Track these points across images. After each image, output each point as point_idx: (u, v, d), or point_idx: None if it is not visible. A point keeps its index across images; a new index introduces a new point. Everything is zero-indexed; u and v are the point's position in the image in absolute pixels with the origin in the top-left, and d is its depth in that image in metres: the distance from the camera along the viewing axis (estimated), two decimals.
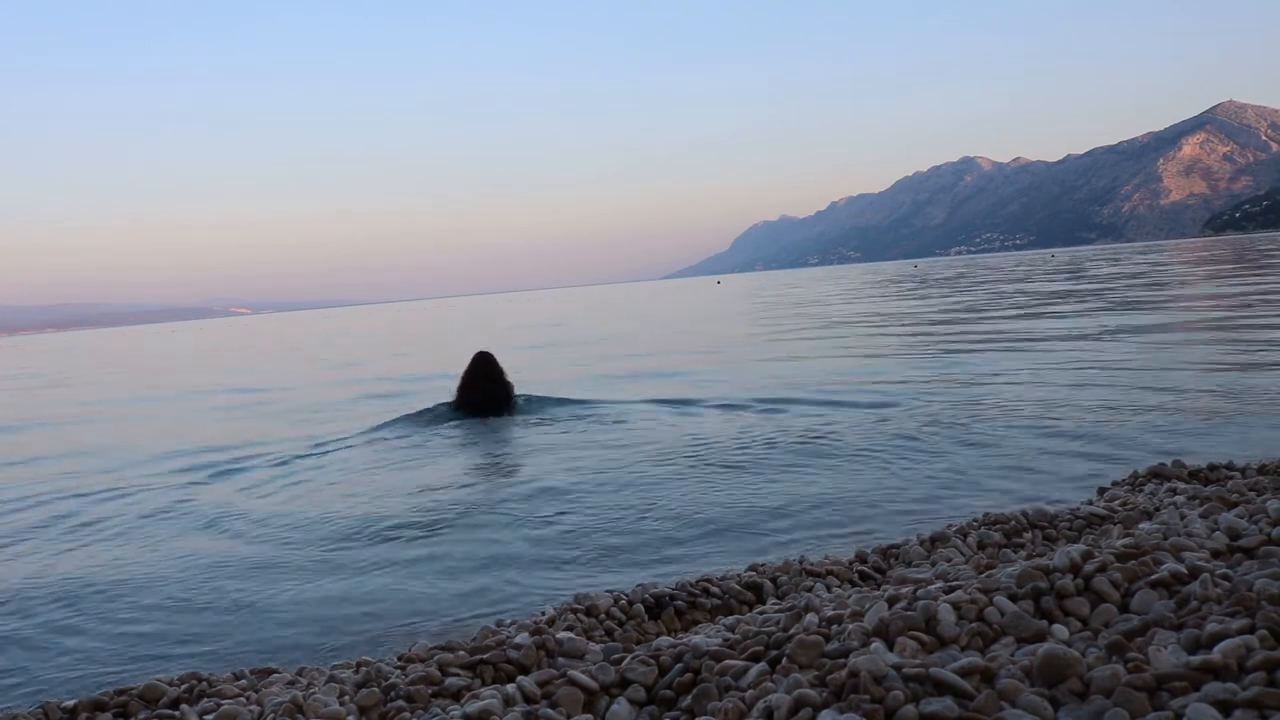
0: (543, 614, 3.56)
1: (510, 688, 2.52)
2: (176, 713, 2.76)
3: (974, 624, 2.32)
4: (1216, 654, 1.92)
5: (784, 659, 2.34)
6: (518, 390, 10.92)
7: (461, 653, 2.97)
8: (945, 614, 2.35)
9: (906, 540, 4.11)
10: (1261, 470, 4.49)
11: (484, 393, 10.45)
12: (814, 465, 6.56)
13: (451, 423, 10.23)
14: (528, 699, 2.47)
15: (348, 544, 5.50)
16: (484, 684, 2.76)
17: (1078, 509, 4.09)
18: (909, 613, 2.37)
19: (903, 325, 20.83)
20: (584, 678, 2.48)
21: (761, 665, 2.34)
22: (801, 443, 7.40)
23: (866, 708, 1.95)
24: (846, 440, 7.36)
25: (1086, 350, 12.46)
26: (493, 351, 10.98)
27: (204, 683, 3.03)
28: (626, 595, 3.62)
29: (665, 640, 2.70)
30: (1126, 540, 2.73)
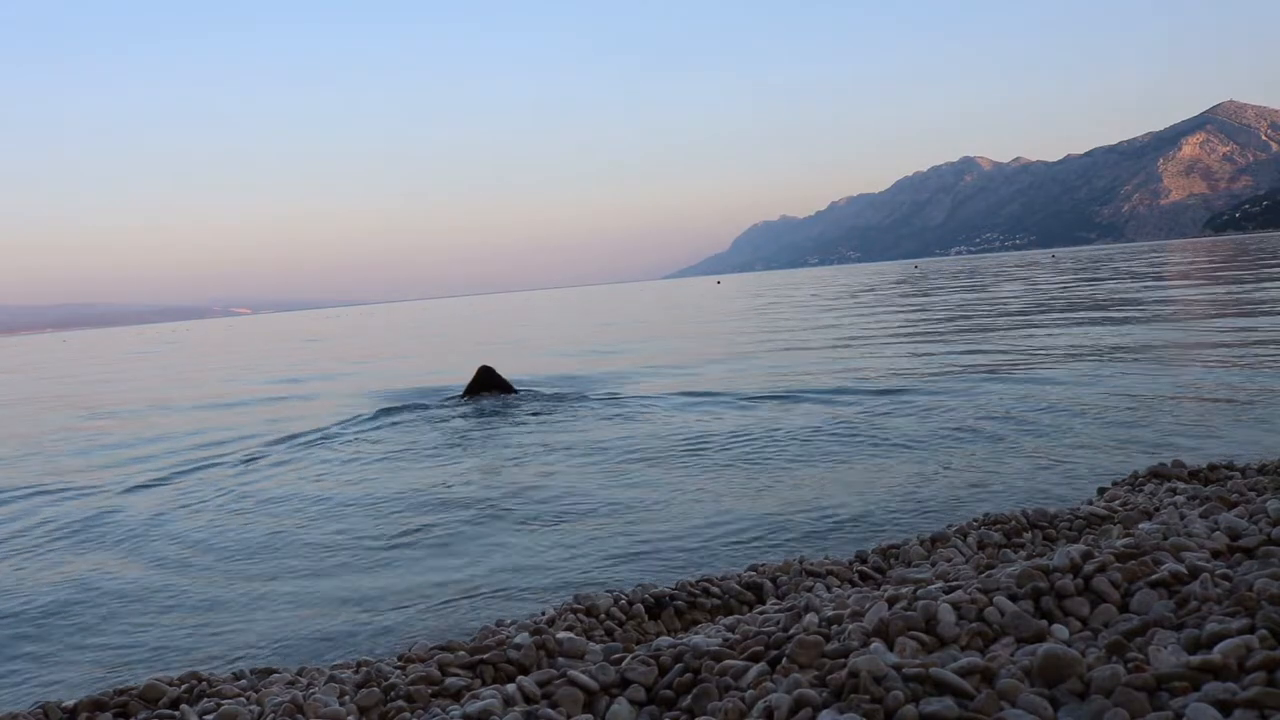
0: (543, 614, 3.56)
1: (510, 688, 2.52)
2: (176, 713, 2.76)
3: (974, 624, 2.32)
4: (1216, 654, 1.92)
5: (784, 659, 2.34)
6: (521, 382, 12.68)
7: (461, 653, 2.97)
8: (945, 614, 2.35)
9: (906, 540, 4.11)
10: (1261, 470, 4.49)
11: (485, 392, 12.35)
12: (815, 464, 6.56)
13: (461, 410, 11.22)
14: (528, 699, 2.47)
15: (348, 538, 5.50)
16: (484, 684, 2.76)
17: (1078, 509, 4.09)
18: (909, 613, 2.37)
19: (908, 326, 20.83)
20: (584, 678, 2.48)
21: (761, 665, 2.34)
22: (803, 441, 7.41)
23: (866, 708, 1.94)
24: (848, 441, 7.37)
25: (1088, 351, 12.46)
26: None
27: (204, 683, 3.02)
28: (626, 595, 3.62)
29: (665, 640, 2.70)
30: (1126, 540, 2.72)
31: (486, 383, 12.32)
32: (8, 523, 6.93)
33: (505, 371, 12.79)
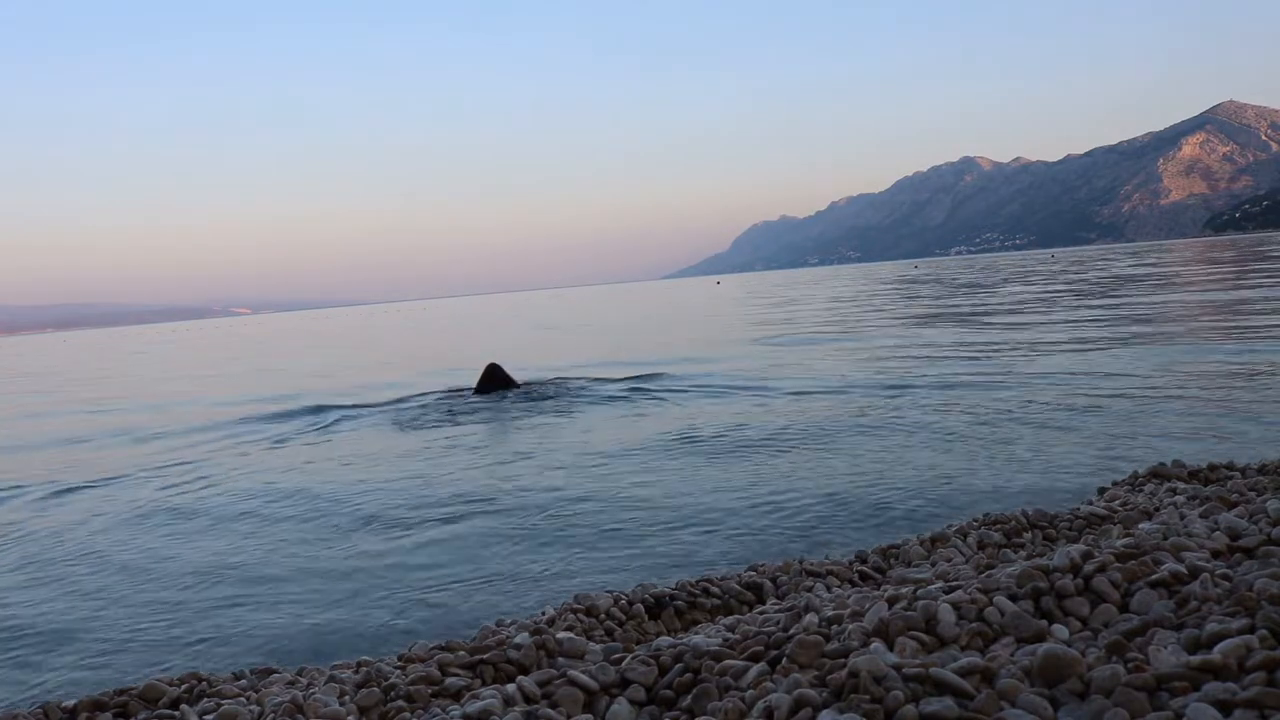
0: (543, 614, 3.56)
1: (510, 688, 2.52)
2: (176, 713, 2.76)
3: (974, 624, 2.32)
4: (1216, 654, 1.92)
5: (784, 659, 2.34)
6: (525, 377, 13.28)
7: (461, 653, 2.97)
8: (945, 614, 2.34)
9: (906, 540, 4.11)
10: (1261, 470, 4.49)
11: (493, 388, 12.76)
12: (816, 462, 6.56)
13: (468, 406, 11.53)
14: (528, 699, 2.46)
15: (346, 534, 5.51)
16: (484, 684, 2.76)
17: (1078, 509, 4.09)
18: (909, 613, 2.37)
19: (913, 324, 20.83)
20: (584, 678, 2.47)
21: (761, 665, 2.34)
22: (804, 438, 7.41)
23: (866, 708, 1.94)
24: (849, 439, 7.37)
25: (1088, 351, 12.46)
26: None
27: (204, 683, 3.02)
28: (626, 595, 3.62)
29: (665, 640, 2.70)
30: (1126, 540, 2.72)
31: (494, 379, 12.64)
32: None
33: (513, 368, 12.94)
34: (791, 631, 2.50)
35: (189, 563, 5.33)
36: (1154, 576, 2.40)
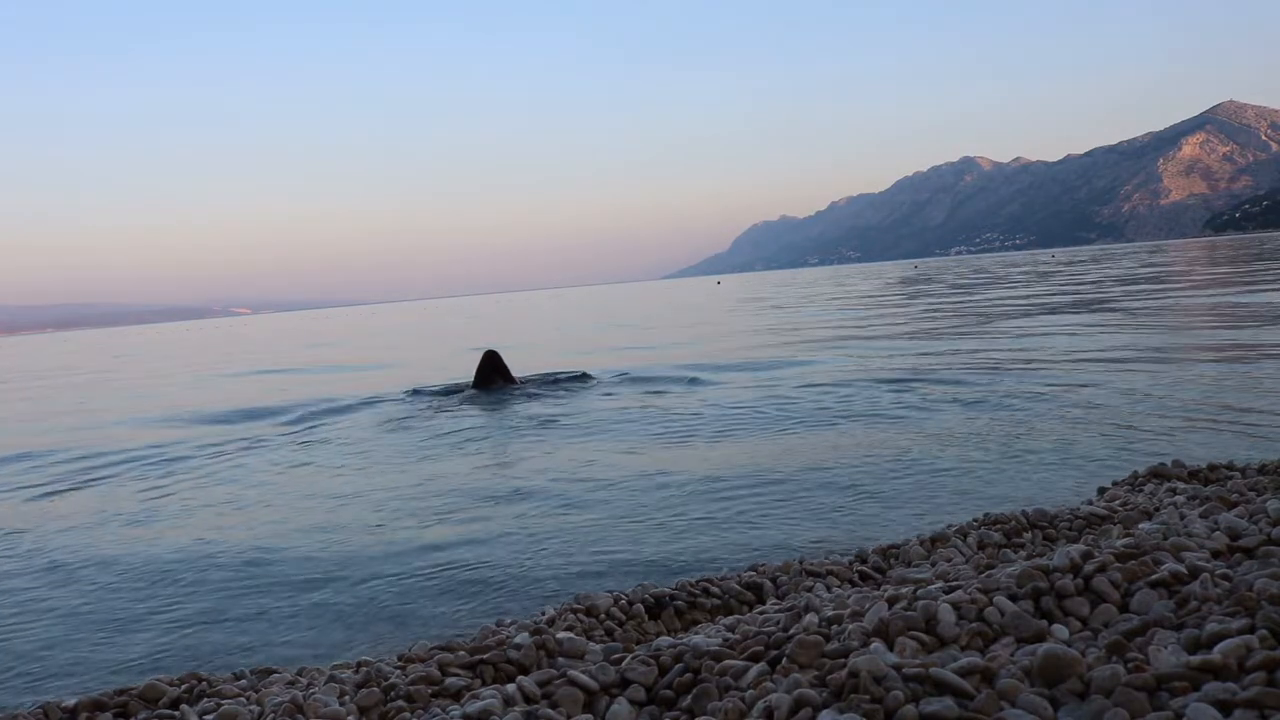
0: (543, 614, 3.56)
1: (510, 688, 2.52)
2: (176, 713, 2.76)
3: (974, 624, 2.32)
4: (1216, 654, 1.92)
5: (784, 659, 2.34)
6: (527, 374, 13.35)
7: (461, 653, 2.97)
8: (945, 614, 2.35)
9: (906, 540, 4.11)
10: (1261, 470, 4.49)
11: (492, 382, 12.75)
12: (817, 462, 6.56)
13: (467, 402, 11.70)
14: (528, 699, 2.47)
15: (344, 533, 5.51)
16: (484, 684, 2.76)
17: (1078, 509, 4.09)
18: (909, 613, 2.37)
19: (912, 324, 20.84)
20: (584, 678, 2.48)
21: (761, 665, 2.34)
22: (805, 437, 7.41)
23: (866, 708, 1.95)
24: (849, 437, 7.37)
25: (1087, 350, 12.46)
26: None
27: (204, 683, 3.03)
28: (626, 595, 3.63)
29: (665, 640, 2.70)
30: (1126, 540, 2.72)
31: (492, 369, 12.58)
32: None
33: (512, 367, 13.00)
34: (791, 631, 2.50)
35: (174, 563, 5.33)
36: (1154, 576, 2.41)
